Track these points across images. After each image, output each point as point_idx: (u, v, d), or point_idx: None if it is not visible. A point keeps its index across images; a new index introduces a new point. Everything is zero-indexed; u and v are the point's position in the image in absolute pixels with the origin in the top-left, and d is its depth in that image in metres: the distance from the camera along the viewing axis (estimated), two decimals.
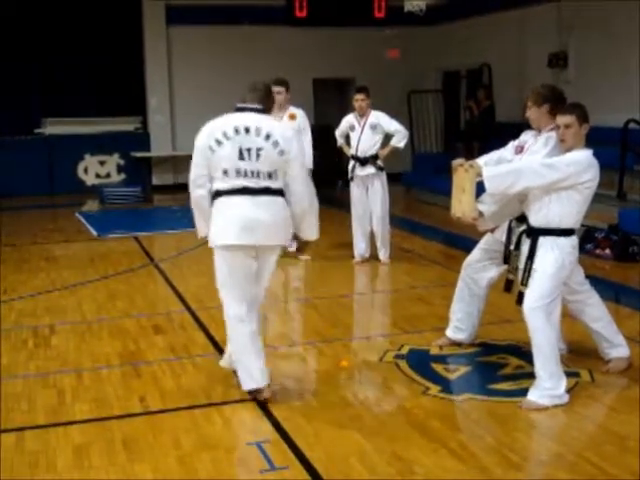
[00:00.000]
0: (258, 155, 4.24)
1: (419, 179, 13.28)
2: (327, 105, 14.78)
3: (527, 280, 4.34)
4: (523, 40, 12.41)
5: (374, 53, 14.64)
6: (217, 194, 4.30)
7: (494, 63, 13.00)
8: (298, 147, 4.42)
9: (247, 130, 4.25)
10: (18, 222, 11.21)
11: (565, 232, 4.33)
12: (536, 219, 4.36)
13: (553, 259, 4.29)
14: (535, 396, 4.26)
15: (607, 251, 8.12)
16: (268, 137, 4.26)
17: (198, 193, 4.37)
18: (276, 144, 4.27)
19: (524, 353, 4.89)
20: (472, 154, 9.60)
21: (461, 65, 14.37)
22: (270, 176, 4.28)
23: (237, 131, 4.25)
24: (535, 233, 4.37)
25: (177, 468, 3.66)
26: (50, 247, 9.32)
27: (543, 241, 4.32)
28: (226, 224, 4.27)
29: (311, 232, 4.65)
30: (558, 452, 3.77)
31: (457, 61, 14.24)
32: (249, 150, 4.23)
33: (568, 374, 4.44)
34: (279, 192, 4.34)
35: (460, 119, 14.42)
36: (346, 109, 11.02)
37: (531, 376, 4.38)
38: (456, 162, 4.49)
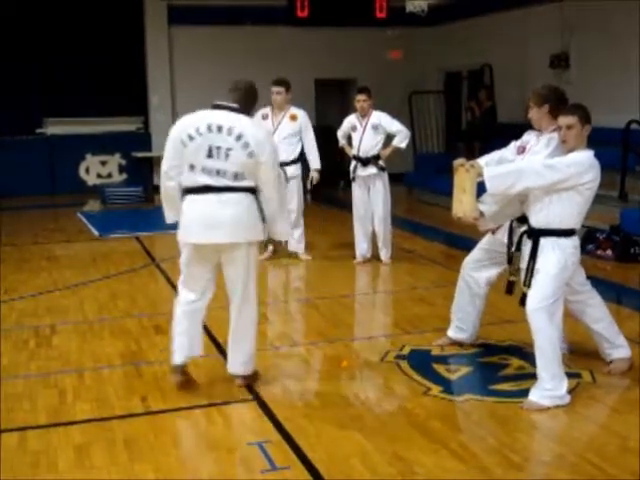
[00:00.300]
0: (227, 155, 4.23)
1: (421, 179, 13.26)
2: (328, 105, 14.78)
3: (529, 281, 4.34)
4: (525, 41, 12.40)
5: (376, 53, 14.64)
6: (185, 192, 4.36)
7: (496, 64, 12.99)
8: (270, 151, 4.35)
9: (219, 129, 4.25)
10: (19, 222, 11.20)
11: (566, 233, 4.32)
12: (537, 220, 4.36)
13: (556, 260, 4.28)
14: (536, 397, 4.26)
15: (608, 252, 8.11)
16: (239, 138, 4.24)
17: (170, 185, 4.43)
18: (246, 145, 4.24)
19: (525, 354, 4.89)
20: (473, 154, 9.59)
21: (463, 66, 14.35)
22: (236, 176, 4.27)
23: (209, 128, 4.25)
24: (536, 234, 4.36)
25: (178, 468, 3.66)
26: (51, 247, 9.32)
27: (544, 242, 4.32)
28: (190, 223, 4.34)
29: (282, 234, 4.77)
30: (559, 453, 3.77)
31: (459, 62, 14.23)
32: (219, 149, 4.23)
33: (569, 375, 4.44)
34: (247, 190, 4.32)
35: (462, 120, 14.40)
36: (348, 109, 11.04)
37: (532, 377, 4.38)
38: (457, 162, 4.47)
